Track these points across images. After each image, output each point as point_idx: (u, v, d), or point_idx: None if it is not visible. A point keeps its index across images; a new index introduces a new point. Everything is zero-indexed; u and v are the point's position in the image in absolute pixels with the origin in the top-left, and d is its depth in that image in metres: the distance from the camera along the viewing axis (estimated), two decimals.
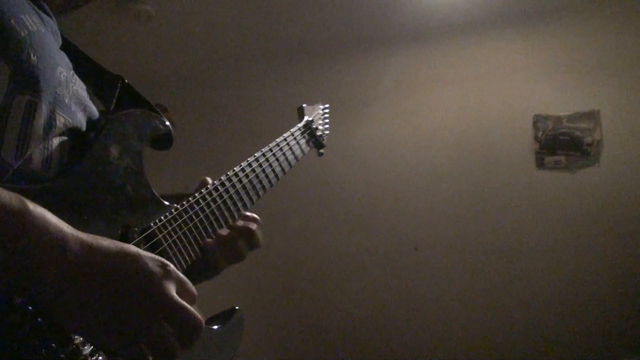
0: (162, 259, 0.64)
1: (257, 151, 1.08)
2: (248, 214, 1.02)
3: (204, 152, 3.73)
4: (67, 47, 0.84)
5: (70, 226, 0.58)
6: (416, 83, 3.52)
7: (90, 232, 0.61)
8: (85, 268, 0.56)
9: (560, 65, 3.21)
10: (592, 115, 3.12)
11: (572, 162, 3.15)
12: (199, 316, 0.64)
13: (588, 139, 3.12)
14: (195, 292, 0.68)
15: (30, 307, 0.56)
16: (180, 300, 0.63)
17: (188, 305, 0.64)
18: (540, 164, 3.22)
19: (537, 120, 3.23)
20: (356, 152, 3.56)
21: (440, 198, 3.38)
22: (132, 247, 0.62)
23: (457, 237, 3.31)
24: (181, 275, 0.66)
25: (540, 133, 3.22)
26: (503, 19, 3.31)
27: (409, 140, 3.49)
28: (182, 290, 0.65)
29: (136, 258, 0.61)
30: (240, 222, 0.99)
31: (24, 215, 0.54)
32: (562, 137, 3.17)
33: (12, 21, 0.66)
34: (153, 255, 0.64)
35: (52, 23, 0.81)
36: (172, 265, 0.65)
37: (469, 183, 3.33)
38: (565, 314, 3.05)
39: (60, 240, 0.55)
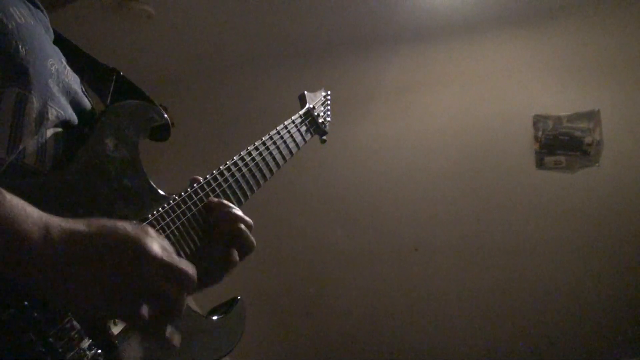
0: (140, 224, 0.64)
1: (257, 140, 1.07)
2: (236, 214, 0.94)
3: (203, 151, 3.73)
4: (60, 41, 0.83)
5: (48, 214, 0.57)
6: (416, 83, 3.52)
7: None
8: (70, 252, 0.56)
9: (560, 65, 3.21)
10: (592, 115, 3.12)
11: (572, 162, 3.15)
12: (190, 266, 0.64)
13: (588, 139, 3.12)
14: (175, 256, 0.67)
15: (26, 302, 0.56)
16: (166, 255, 0.62)
17: (175, 259, 0.64)
18: (540, 164, 3.21)
19: (537, 120, 3.23)
20: (356, 152, 3.55)
21: (440, 198, 3.37)
22: (108, 221, 0.61)
23: (457, 237, 3.31)
24: (160, 236, 0.66)
25: (540, 133, 3.22)
26: (503, 19, 3.31)
27: (409, 140, 3.49)
28: (166, 250, 0.65)
29: (114, 230, 0.60)
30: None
31: (0, 205, 0.53)
32: (562, 137, 3.17)
33: None
34: (130, 223, 0.63)
35: (43, 17, 0.80)
36: (150, 228, 0.64)
37: (469, 183, 3.32)
38: (565, 314, 3.04)
39: (43, 230, 0.55)
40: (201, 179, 0.93)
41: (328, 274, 3.56)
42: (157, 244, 0.62)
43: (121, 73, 0.87)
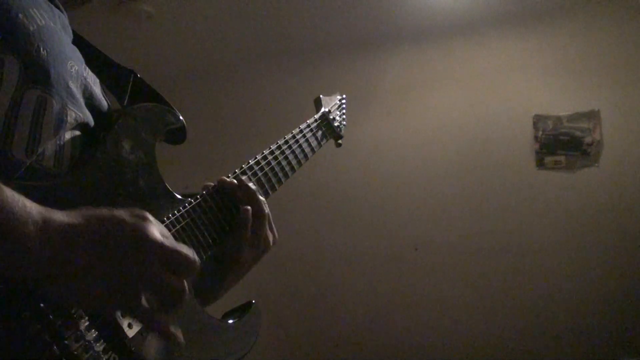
0: (140, 211, 0.63)
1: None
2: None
3: (203, 152, 3.72)
4: (78, 41, 0.83)
5: (47, 208, 0.56)
6: (416, 83, 3.52)
7: None
8: (67, 245, 0.55)
9: (560, 65, 3.22)
10: (592, 115, 3.13)
11: (572, 162, 3.15)
12: (190, 251, 0.63)
13: (588, 139, 3.13)
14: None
15: (42, 304, 0.56)
16: (165, 241, 0.61)
17: (175, 244, 0.62)
18: (540, 164, 3.22)
19: (537, 120, 3.24)
20: (356, 151, 3.55)
21: (440, 198, 3.38)
22: (105, 209, 0.61)
23: (457, 237, 3.31)
24: (161, 225, 0.64)
25: (540, 133, 3.22)
26: (503, 19, 3.31)
27: (409, 140, 3.49)
28: (165, 236, 0.63)
29: (111, 217, 0.59)
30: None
31: None
32: (562, 137, 3.17)
33: (20, 15, 0.66)
34: (130, 210, 0.62)
35: (63, 17, 0.80)
36: (150, 215, 0.63)
37: (469, 183, 3.32)
38: (565, 314, 3.05)
39: (40, 224, 0.54)
40: (214, 183, 0.92)
41: (328, 273, 3.55)
42: (156, 229, 0.61)
43: (138, 75, 0.87)
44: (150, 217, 0.62)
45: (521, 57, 3.31)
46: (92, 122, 0.76)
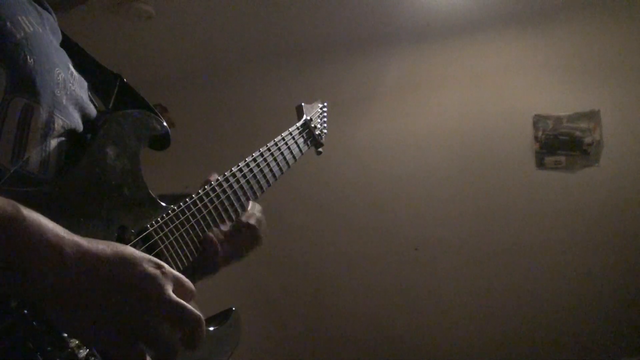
0: (157, 260, 0.64)
1: (255, 151, 1.08)
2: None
3: (203, 152, 3.73)
4: (66, 43, 0.83)
5: (66, 230, 0.58)
6: (416, 83, 3.52)
7: (87, 234, 0.60)
8: (82, 274, 0.56)
9: (560, 65, 3.21)
10: (592, 115, 3.12)
11: (572, 162, 3.15)
12: (197, 312, 0.64)
13: (588, 139, 3.12)
14: (193, 288, 0.68)
15: (25, 311, 0.56)
16: (176, 298, 0.62)
17: (185, 303, 0.63)
18: (540, 164, 3.21)
19: (537, 120, 3.23)
20: (356, 152, 3.55)
21: (440, 198, 3.37)
22: (127, 250, 0.62)
23: (457, 237, 3.31)
24: (177, 273, 0.66)
25: (540, 133, 3.22)
26: (503, 19, 3.30)
27: (409, 140, 3.49)
28: (180, 288, 0.65)
29: (132, 262, 0.61)
30: (242, 217, 1.00)
31: (18, 221, 0.53)
32: (562, 137, 3.17)
33: (7, 23, 0.66)
34: (149, 257, 0.63)
35: (52, 19, 0.80)
36: (167, 266, 0.64)
37: (469, 183, 3.32)
38: (565, 314, 3.05)
39: (57, 246, 0.55)
40: (200, 191, 0.93)
41: (328, 273, 3.56)
42: (170, 284, 0.63)
43: (125, 79, 0.87)
44: (167, 269, 0.64)
45: (521, 57, 3.30)
46: (80, 128, 0.77)
